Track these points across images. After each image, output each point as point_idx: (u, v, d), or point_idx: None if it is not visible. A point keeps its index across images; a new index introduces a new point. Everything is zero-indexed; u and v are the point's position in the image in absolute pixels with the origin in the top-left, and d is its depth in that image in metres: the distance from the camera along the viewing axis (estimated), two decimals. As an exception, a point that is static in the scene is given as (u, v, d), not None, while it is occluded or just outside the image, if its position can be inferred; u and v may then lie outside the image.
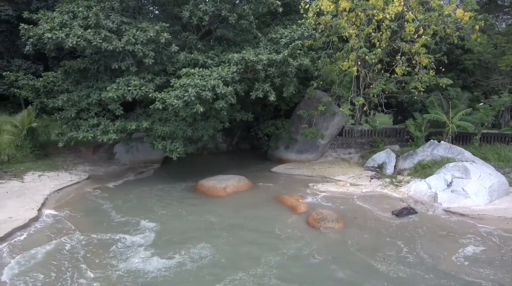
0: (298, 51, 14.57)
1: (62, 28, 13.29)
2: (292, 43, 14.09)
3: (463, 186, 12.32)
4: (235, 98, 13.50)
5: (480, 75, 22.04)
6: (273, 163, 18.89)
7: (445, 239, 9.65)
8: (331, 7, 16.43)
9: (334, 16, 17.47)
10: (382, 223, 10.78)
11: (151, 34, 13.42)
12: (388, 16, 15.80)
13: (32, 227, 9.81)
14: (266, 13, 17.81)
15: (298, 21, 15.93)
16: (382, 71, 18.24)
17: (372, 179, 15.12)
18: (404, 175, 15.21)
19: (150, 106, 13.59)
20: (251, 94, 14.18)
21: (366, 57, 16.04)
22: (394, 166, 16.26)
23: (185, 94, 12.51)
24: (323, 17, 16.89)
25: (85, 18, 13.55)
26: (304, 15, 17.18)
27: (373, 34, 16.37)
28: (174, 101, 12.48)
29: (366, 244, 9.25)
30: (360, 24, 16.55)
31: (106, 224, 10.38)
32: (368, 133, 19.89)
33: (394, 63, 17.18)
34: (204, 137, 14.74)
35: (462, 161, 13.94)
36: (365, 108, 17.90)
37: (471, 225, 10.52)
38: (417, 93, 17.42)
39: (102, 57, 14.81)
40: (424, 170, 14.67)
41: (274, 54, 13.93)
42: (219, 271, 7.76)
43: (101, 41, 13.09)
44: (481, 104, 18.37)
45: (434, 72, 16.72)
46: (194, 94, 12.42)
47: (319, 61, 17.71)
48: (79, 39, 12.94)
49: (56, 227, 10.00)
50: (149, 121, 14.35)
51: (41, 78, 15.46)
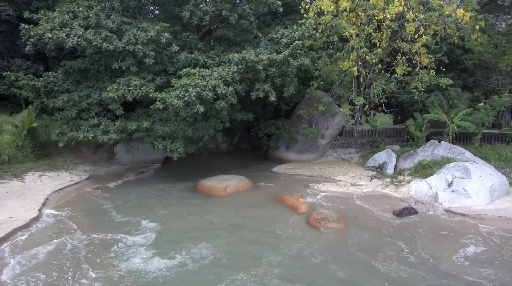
0: (299, 51, 14.57)
1: (63, 28, 13.31)
2: (292, 43, 14.07)
3: (464, 186, 12.33)
4: (236, 98, 13.51)
5: (480, 75, 22.04)
6: (273, 163, 18.89)
7: (446, 239, 9.65)
8: (332, 7, 16.42)
9: (335, 16, 17.46)
10: (383, 223, 10.77)
11: (152, 34, 13.44)
12: (388, 16, 15.80)
13: (33, 227, 9.81)
14: (267, 13, 17.81)
15: (299, 21, 15.92)
16: (383, 71, 18.24)
17: (372, 179, 15.12)
18: (404, 175, 15.20)
19: (151, 106, 13.60)
20: (252, 94, 14.18)
21: (367, 57, 16.04)
22: (395, 166, 16.26)
23: (185, 94, 12.52)
24: (324, 17, 16.88)
25: (85, 18, 13.57)
26: (304, 15, 17.18)
27: (373, 34, 16.37)
28: (175, 101, 12.49)
29: (367, 244, 9.25)
30: (360, 24, 16.56)
31: (107, 224, 10.38)
32: (368, 133, 19.88)
33: (394, 63, 17.18)
34: (204, 137, 14.75)
35: (462, 161, 13.94)
36: (365, 108, 17.89)
37: (472, 225, 10.52)
38: (417, 93, 17.45)
39: (103, 57, 14.82)
40: (424, 170, 14.67)
41: (275, 54, 13.93)
42: (220, 271, 7.76)
43: (101, 41, 13.11)
44: (481, 104, 18.36)
45: (434, 72, 16.70)
46: (195, 94, 12.43)
47: (320, 61, 17.71)
48: (80, 39, 12.96)
49: (57, 227, 10.01)
50: (149, 121, 14.35)
51: (41, 78, 15.46)
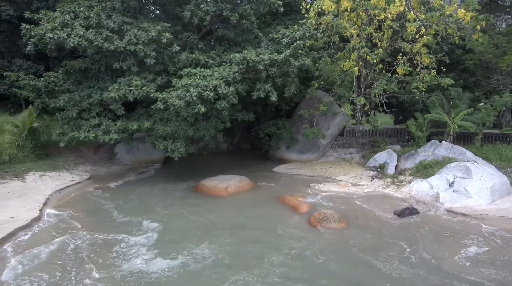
0: (300, 51, 14.57)
1: (64, 28, 13.31)
2: (293, 43, 14.07)
3: (465, 186, 12.33)
4: (237, 98, 13.50)
5: (481, 75, 22.04)
6: (274, 163, 18.87)
7: (447, 239, 9.65)
8: (333, 7, 16.43)
9: (336, 16, 17.46)
10: (384, 223, 10.77)
11: (153, 34, 13.44)
12: (389, 16, 15.81)
13: (34, 227, 9.82)
14: (267, 13, 17.80)
15: (300, 21, 15.91)
16: (384, 71, 18.24)
17: (373, 179, 15.11)
18: (405, 175, 15.20)
19: (152, 106, 13.61)
20: (253, 94, 14.17)
21: (368, 57, 16.05)
22: (396, 166, 16.24)
23: (186, 94, 12.52)
24: (325, 17, 16.89)
25: (86, 18, 13.57)
26: (305, 15, 17.17)
27: (374, 34, 16.37)
28: (176, 101, 12.49)
29: (368, 244, 9.25)
30: (361, 24, 16.56)
31: (108, 224, 10.38)
32: (369, 133, 19.87)
33: (395, 63, 17.17)
34: (205, 137, 14.75)
35: (463, 161, 13.94)
36: (366, 108, 17.89)
37: (473, 225, 10.51)
38: (418, 93, 17.44)
39: (104, 57, 14.82)
40: (425, 170, 14.66)
41: (276, 54, 13.93)
42: (223, 271, 7.77)
43: (102, 41, 13.11)
44: (481, 104, 18.36)
45: (435, 72, 16.70)
46: (196, 94, 12.43)
47: (320, 61, 17.70)
48: (81, 39, 12.97)
49: (58, 227, 10.01)
50: (150, 121, 14.35)
51: (42, 78, 15.48)
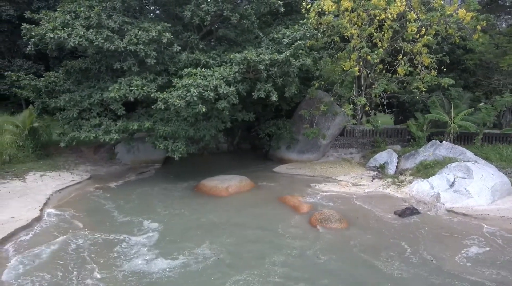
0: (300, 51, 14.56)
1: (64, 28, 13.30)
2: (294, 43, 14.05)
3: (466, 186, 12.33)
4: (237, 98, 13.50)
5: (481, 75, 22.02)
6: (274, 163, 18.85)
7: (448, 239, 9.65)
8: (333, 7, 16.40)
9: (336, 16, 17.45)
10: (385, 223, 10.77)
11: (153, 34, 13.43)
12: (390, 16, 15.79)
13: (35, 227, 9.82)
14: (268, 13, 17.77)
15: (300, 21, 15.89)
16: (384, 71, 18.22)
17: (374, 179, 15.12)
18: (406, 175, 15.20)
19: (152, 106, 13.60)
20: (253, 94, 14.16)
21: (368, 57, 16.03)
22: (396, 166, 16.23)
23: (187, 94, 12.52)
24: (325, 17, 16.85)
25: (87, 18, 13.56)
26: (306, 15, 17.15)
27: (375, 34, 16.35)
28: (176, 101, 12.48)
29: (369, 244, 9.25)
30: (362, 24, 16.54)
31: (109, 224, 10.38)
32: (369, 133, 19.86)
33: (396, 63, 17.15)
34: (206, 137, 14.75)
35: (464, 161, 13.94)
36: (366, 108, 17.86)
37: (474, 225, 10.52)
38: (418, 93, 17.41)
39: (104, 57, 14.81)
40: (426, 170, 14.66)
41: (276, 54, 13.92)
42: (224, 271, 7.77)
43: (103, 41, 13.10)
44: (482, 104, 18.35)
45: (435, 72, 16.69)
46: (196, 94, 12.43)
47: (321, 61, 17.68)
48: (81, 39, 12.96)
49: (59, 227, 10.01)
50: (151, 121, 14.34)
51: (42, 78, 15.46)
